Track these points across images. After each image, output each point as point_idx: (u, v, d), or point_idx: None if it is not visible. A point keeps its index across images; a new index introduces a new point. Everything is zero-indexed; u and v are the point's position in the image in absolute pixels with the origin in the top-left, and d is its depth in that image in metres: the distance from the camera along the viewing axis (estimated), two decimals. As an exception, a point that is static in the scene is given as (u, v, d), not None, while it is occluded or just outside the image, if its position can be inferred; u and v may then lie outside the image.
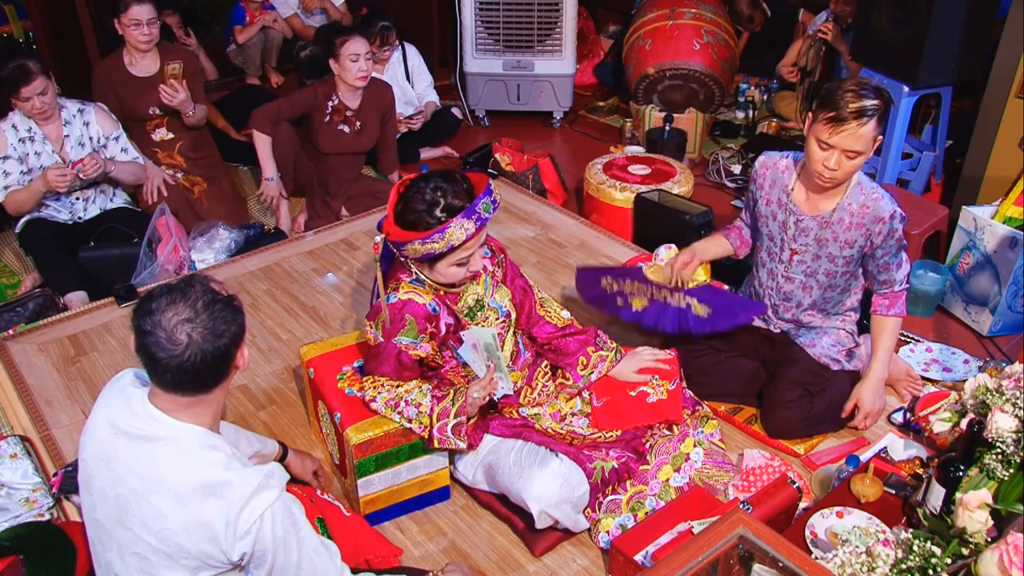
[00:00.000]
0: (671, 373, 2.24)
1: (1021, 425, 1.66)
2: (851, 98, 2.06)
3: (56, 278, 3.12)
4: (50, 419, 2.47)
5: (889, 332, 2.34)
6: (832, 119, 2.08)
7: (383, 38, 4.13)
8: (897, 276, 2.32)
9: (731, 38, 4.52)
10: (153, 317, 1.36)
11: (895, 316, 2.34)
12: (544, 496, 1.92)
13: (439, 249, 1.87)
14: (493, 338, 1.95)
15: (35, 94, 3.00)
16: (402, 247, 1.91)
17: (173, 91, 3.42)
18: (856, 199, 2.26)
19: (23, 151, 3.11)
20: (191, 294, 1.39)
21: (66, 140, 3.18)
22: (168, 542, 1.39)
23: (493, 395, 2.02)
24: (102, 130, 3.26)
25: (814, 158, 2.17)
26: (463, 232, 1.85)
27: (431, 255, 1.89)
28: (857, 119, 2.06)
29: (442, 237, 1.85)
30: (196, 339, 1.36)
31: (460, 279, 2.00)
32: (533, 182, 3.96)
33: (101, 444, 1.46)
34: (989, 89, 3.37)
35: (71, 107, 3.20)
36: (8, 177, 3.10)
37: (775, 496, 1.92)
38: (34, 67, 2.98)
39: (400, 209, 1.90)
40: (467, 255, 1.93)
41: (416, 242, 1.86)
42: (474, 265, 1.97)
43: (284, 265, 3.32)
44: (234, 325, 1.42)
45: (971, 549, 1.54)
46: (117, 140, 3.30)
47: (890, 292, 2.34)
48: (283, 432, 2.44)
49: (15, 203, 3.14)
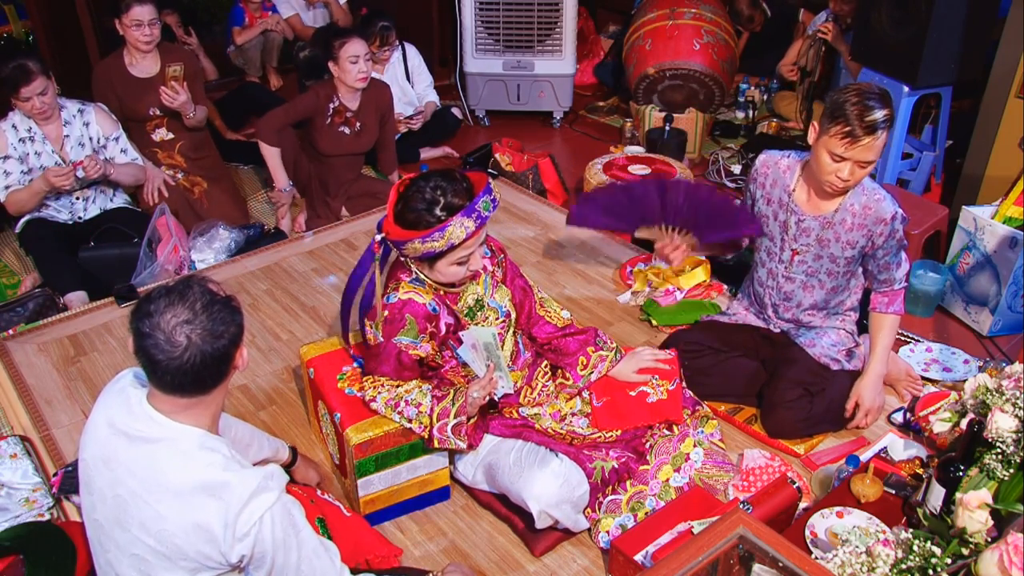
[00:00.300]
0: (671, 373, 2.24)
1: (1021, 425, 1.66)
2: (862, 111, 2.05)
3: (56, 278, 3.12)
4: (50, 419, 2.47)
5: (888, 329, 2.35)
6: (847, 135, 2.07)
7: (383, 38, 4.13)
8: (897, 275, 2.33)
9: (731, 38, 4.52)
10: (152, 319, 1.36)
11: (893, 314, 2.35)
12: (544, 496, 1.92)
13: (439, 248, 1.87)
14: (493, 337, 1.95)
15: (35, 94, 3.00)
16: (402, 246, 1.91)
17: (174, 93, 3.42)
18: (858, 200, 2.26)
19: (23, 151, 3.11)
20: (189, 295, 1.38)
21: (66, 140, 3.18)
22: (166, 543, 1.39)
23: (493, 395, 2.02)
24: (102, 130, 3.26)
25: (826, 169, 2.17)
26: (463, 231, 1.86)
27: (431, 254, 1.89)
28: (871, 133, 2.06)
29: (442, 235, 1.85)
30: (195, 340, 1.36)
31: (460, 278, 1.99)
32: (533, 182, 3.96)
33: (101, 445, 1.46)
34: (989, 89, 3.37)
35: (71, 107, 3.20)
36: (8, 177, 3.10)
37: (775, 496, 1.92)
38: (34, 67, 2.98)
39: (400, 208, 1.90)
40: (467, 254, 1.93)
41: (416, 241, 1.86)
42: (474, 264, 1.97)
43: (284, 265, 3.32)
44: (232, 326, 1.42)
45: (971, 549, 1.54)
46: (117, 141, 3.30)
47: (889, 290, 2.35)
48: (283, 432, 2.44)
49: (16, 203, 3.14)
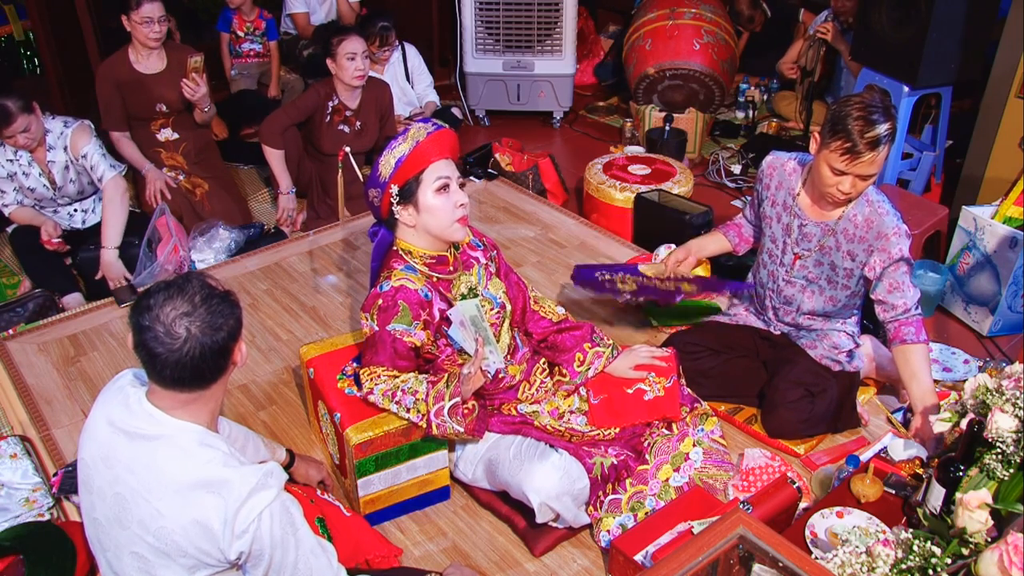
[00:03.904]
0: (668, 370, 2.24)
1: (1021, 425, 1.66)
2: (864, 127, 2.01)
3: (46, 283, 3.12)
4: (50, 419, 2.47)
5: (927, 360, 2.22)
6: (848, 151, 2.04)
7: (382, 38, 4.13)
8: (911, 296, 2.22)
9: (731, 38, 4.52)
10: (151, 313, 1.36)
11: (925, 343, 2.22)
12: (544, 488, 1.92)
13: (405, 151, 1.93)
14: (477, 308, 1.96)
15: (18, 132, 2.95)
16: (384, 186, 1.98)
17: (195, 85, 3.38)
18: (862, 211, 2.24)
19: (11, 170, 3.10)
20: (188, 288, 1.40)
21: (51, 165, 3.14)
22: (165, 541, 1.39)
23: (486, 372, 2.02)
24: (72, 151, 3.14)
25: (827, 182, 2.14)
26: (423, 131, 1.95)
27: (405, 172, 1.95)
28: (873, 149, 2.03)
29: (405, 137, 1.95)
30: (195, 332, 1.37)
31: (451, 222, 2.00)
32: (533, 182, 3.96)
33: (100, 444, 1.46)
34: (989, 89, 3.37)
35: (55, 129, 3.12)
36: (5, 196, 3.11)
37: (775, 496, 1.92)
38: (13, 107, 2.89)
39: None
40: (443, 176, 1.97)
41: (391, 161, 1.95)
42: (458, 196, 1.99)
43: (284, 265, 3.32)
44: (231, 319, 1.43)
45: (971, 549, 1.54)
46: (86, 157, 3.13)
47: (909, 317, 2.22)
48: (283, 432, 2.45)
49: (18, 220, 3.20)
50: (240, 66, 4.82)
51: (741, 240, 2.62)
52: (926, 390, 2.19)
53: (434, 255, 2.07)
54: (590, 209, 3.71)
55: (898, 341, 2.23)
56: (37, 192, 3.16)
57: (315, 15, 4.99)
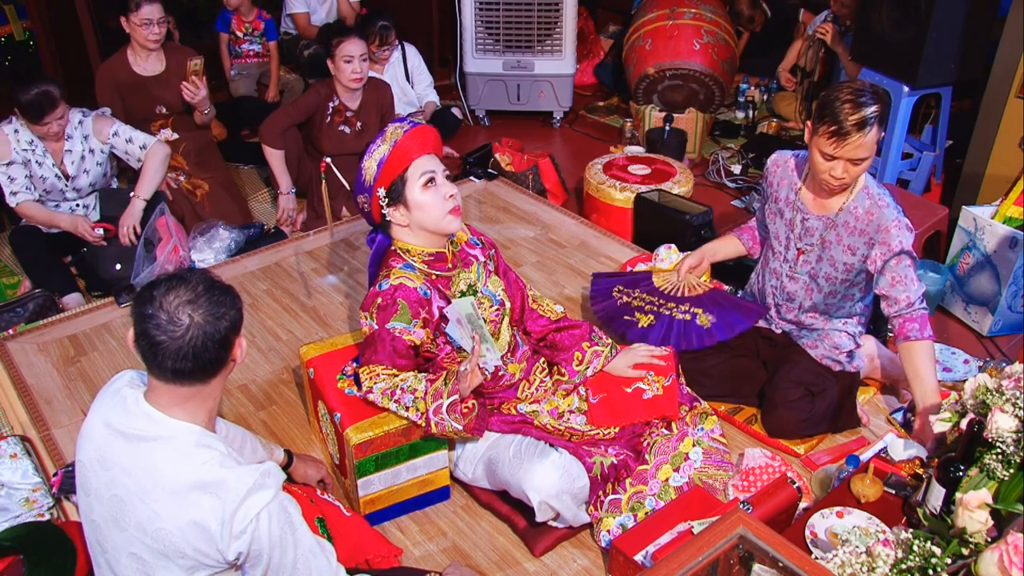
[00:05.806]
0: (667, 369, 2.24)
1: (1021, 425, 1.66)
2: (850, 109, 2.02)
3: (46, 283, 3.11)
4: (50, 419, 2.47)
5: (932, 357, 2.19)
6: (835, 133, 2.05)
7: (382, 38, 4.13)
8: (915, 291, 2.20)
9: (731, 38, 4.52)
10: (155, 302, 1.37)
11: (929, 339, 2.18)
12: (544, 486, 1.92)
13: (385, 152, 1.95)
14: (472, 307, 1.95)
15: (55, 119, 3.00)
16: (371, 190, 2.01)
17: (195, 88, 3.39)
18: (862, 203, 2.24)
19: (25, 157, 3.10)
20: (191, 279, 1.41)
21: (67, 155, 3.16)
22: (163, 542, 1.39)
23: (484, 369, 2.02)
24: (98, 137, 3.21)
25: (819, 168, 2.15)
26: (400, 130, 1.97)
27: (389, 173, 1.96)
28: (860, 130, 2.03)
29: (383, 139, 1.97)
30: (197, 320, 1.37)
31: (443, 214, 2.00)
32: (533, 182, 3.96)
33: (97, 445, 1.46)
34: (989, 89, 3.37)
35: (73, 119, 3.16)
36: (15, 183, 3.10)
37: (775, 496, 1.92)
38: (56, 93, 2.96)
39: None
40: (428, 171, 1.97)
41: (372, 165, 1.97)
42: (446, 188, 2.00)
43: (284, 265, 3.33)
44: (233, 309, 1.44)
45: (971, 549, 1.54)
46: (117, 135, 3.24)
47: (914, 313, 2.19)
48: (283, 432, 2.45)
49: (28, 216, 3.17)
50: (239, 66, 4.82)
51: (755, 243, 2.62)
52: (928, 389, 2.16)
53: (432, 252, 2.07)
54: (590, 209, 3.71)
55: (902, 337, 2.21)
56: (48, 182, 3.16)
57: (315, 15, 4.98)
